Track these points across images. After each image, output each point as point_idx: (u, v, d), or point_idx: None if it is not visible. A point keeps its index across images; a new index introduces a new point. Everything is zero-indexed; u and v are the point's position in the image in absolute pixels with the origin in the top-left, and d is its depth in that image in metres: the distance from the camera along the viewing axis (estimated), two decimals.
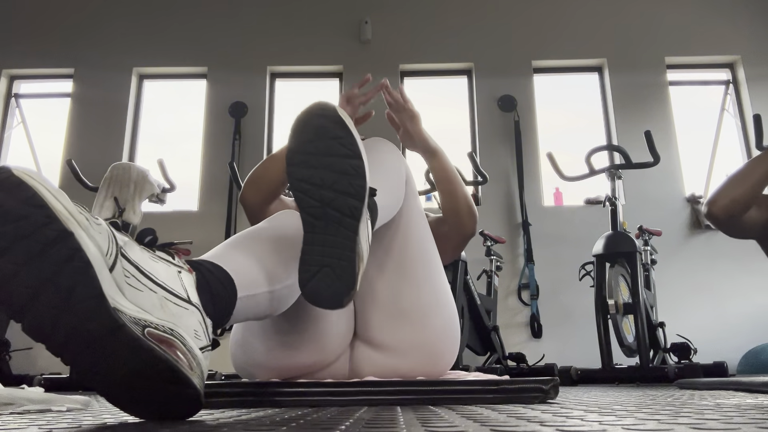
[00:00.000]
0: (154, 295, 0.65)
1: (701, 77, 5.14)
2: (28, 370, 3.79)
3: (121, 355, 0.61)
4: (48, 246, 0.57)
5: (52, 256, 0.57)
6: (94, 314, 0.59)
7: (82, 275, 0.58)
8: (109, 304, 0.59)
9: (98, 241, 0.61)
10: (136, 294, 0.64)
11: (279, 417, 0.78)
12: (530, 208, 4.53)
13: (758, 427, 0.52)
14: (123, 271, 0.63)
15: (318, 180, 0.84)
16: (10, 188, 0.57)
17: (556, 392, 1.06)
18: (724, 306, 4.29)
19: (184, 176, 4.35)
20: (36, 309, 0.57)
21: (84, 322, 0.59)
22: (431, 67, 5.04)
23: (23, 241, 0.56)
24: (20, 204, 0.56)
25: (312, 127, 0.85)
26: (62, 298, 0.58)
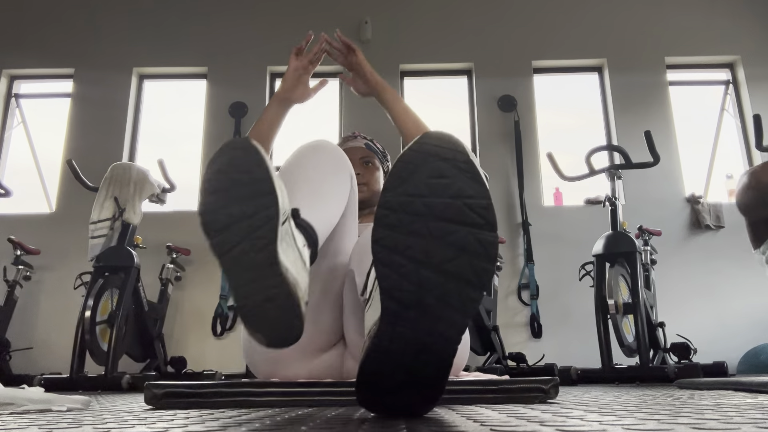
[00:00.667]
0: (294, 253, 0.79)
1: (701, 77, 5.13)
2: (28, 370, 3.79)
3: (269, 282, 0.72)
4: (258, 195, 0.73)
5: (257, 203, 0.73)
6: (264, 248, 0.72)
7: (269, 220, 0.73)
8: (276, 245, 0.73)
9: (284, 203, 0.77)
10: (286, 248, 0.77)
11: (279, 417, 0.78)
12: (530, 208, 4.53)
13: (758, 427, 0.52)
14: (286, 230, 0.78)
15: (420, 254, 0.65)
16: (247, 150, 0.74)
17: (556, 392, 1.06)
18: (724, 306, 4.29)
19: (184, 176, 4.35)
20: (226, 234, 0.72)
21: (256, 252, 0.71)
22: (431, 67, 5.04)
23: (243, 187, 0.72)
24: (251, 163, 0.73)
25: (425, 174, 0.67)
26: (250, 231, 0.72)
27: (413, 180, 0.65)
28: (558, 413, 0.74)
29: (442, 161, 0.65)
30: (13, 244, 3.90)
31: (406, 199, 0.65)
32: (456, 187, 0.65)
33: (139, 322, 3.50)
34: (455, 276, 0.63)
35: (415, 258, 0.64)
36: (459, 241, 0.64)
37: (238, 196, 0.72)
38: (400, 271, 0.64)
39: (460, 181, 0.65)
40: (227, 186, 0.72)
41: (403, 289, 0.64)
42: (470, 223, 0.64)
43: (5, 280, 3.88)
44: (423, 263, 0.64)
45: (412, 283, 0.64)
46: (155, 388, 1.05)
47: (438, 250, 0.64)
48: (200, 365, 3.92)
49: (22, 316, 4.14)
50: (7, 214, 4.55)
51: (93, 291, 3.17)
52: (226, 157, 0.74)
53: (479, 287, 0.65)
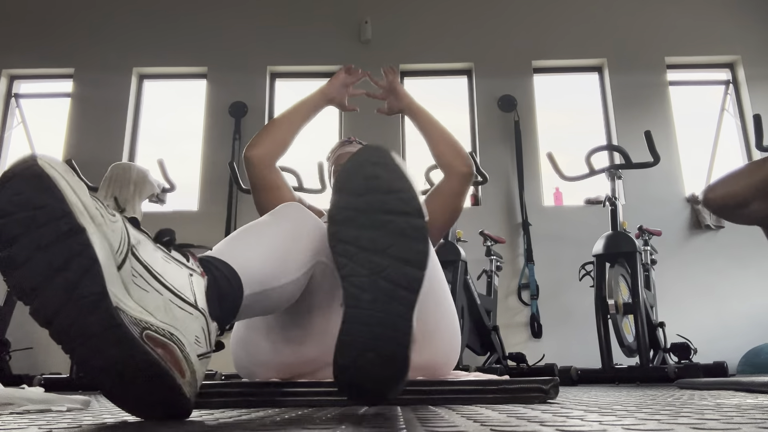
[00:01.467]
0: (160, 297, 0.65)
1: (701, 77, 5.14)
2: (28, 370, 3.79)
3: (116, 354, 0.61)
4: (60, 238, 0.58)
5: (63, 249, 0.58)
6: (94, 310, 0.60)
7: (88, 270, 0.59)
8: (110, 301, 0.60)
9: (110, 238, 0.62)
10: (143, 294, 0.64)
11: (279, 417, 0.78)
12: (530, 208, 4.53)
13: (758, 427, 0.52)
14: (131, 270, 0.64)
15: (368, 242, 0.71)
16: (31, 178, 0.58)
17: (556, 392, 1.06)
18: (724, 306, 4.29)
19: (184, 176, 4.35)
20: (43, 296, 0.59)
21: (85, 315, 0.60)
22: (431, 67, 5.04)
23: (38, 230, 0.58)
24: (39, 194, 0.58)
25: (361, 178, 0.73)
26: (68, 290, 0.59)
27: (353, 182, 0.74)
28: (558, 413, 0.74)
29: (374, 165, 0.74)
30: None
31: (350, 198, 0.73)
32: (387, 184, 0.73)
33: None
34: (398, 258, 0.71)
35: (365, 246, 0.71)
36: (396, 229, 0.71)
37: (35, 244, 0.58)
38: (354, 258, 0.71)
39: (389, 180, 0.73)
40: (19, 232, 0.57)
41: (358, 275, 0.71)
42: (402, 212, 0.72)
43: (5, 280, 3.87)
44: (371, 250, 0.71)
45: (365, 268, 0.71)
46: None
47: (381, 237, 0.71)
48: None
49: (22, 316, 4.13)
50: None
51: None
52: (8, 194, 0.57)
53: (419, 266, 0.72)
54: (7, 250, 0.58)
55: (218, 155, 4.65)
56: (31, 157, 0.59)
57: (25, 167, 0.58)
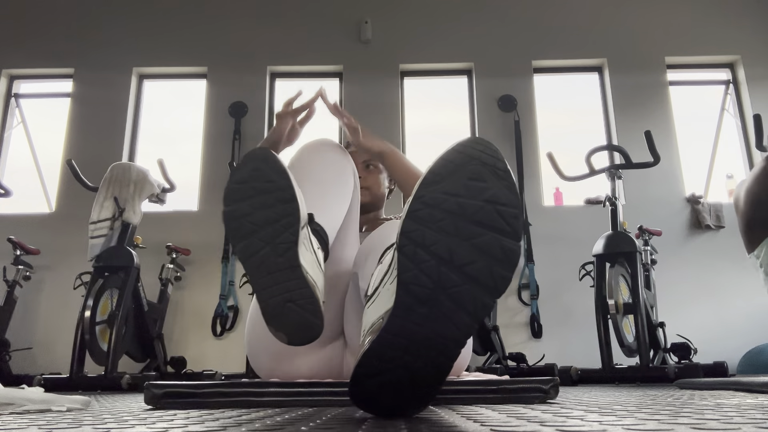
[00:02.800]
0: (311, 256, 0.87)
1: (701, 77, 5.13)
2: (28, 370, 3.79)
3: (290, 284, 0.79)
4: (281, 202, 0.81)
5: (282, 209, 0.81)
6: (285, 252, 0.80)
7: (291, 226, 0.81)
8: (298, 249, 0.81)
9: (304, 210, 0.86)
10: (305, 251, 0.84)
11: (279, 417, 0.78)
12: (530, 208, 4.53)
13: (758, 427, 0.52)
14: (305, 234, 0.86)
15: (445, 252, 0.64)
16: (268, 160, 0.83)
17: (556, 392, 1.06)
18: (724, 306, 4.29)
19: (184, 176, 4.35)
20: (251, 240, 0.79)
21: (278, 255, 0.79)
22: (431, 67, 5.04)
23: (266, 195, 0.81)
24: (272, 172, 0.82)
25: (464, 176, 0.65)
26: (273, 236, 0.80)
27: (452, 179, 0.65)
28: (558, 413, 0.74)
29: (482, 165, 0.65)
30: (13, 244, 3.90)
31: (442, 196, 0.65)
32: (491, 192, 0.65)
33: (139, 322, 3.50)
34: (473, 279, 0.63)
35: (439, 255, 0.63)
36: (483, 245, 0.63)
37: (261, 203, 0.79)
38: (421, 266, 0.64)
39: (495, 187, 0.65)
40: (251, 194, 0.80)
41: (421, 284, 0.63)
42: (497, 229, 0.64)
43: (5, 280, 3.87)
44: (445, 261, 0.63)
45: (430, 279, 0.63)
46: (155, 388, 1.05)
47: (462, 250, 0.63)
48: (200, 365, 3.92)
49: (22, 316, 4.14)
50: (7, 214, 4.55)
51: (93, 291, 3.17)
52: (249, 167, 0.81)
53: (494, 293, 0.65)
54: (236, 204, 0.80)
55: (218, 155, 4.65)
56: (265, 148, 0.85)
57: (263, 153, 0.84)
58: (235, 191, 0.80)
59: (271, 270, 0.78)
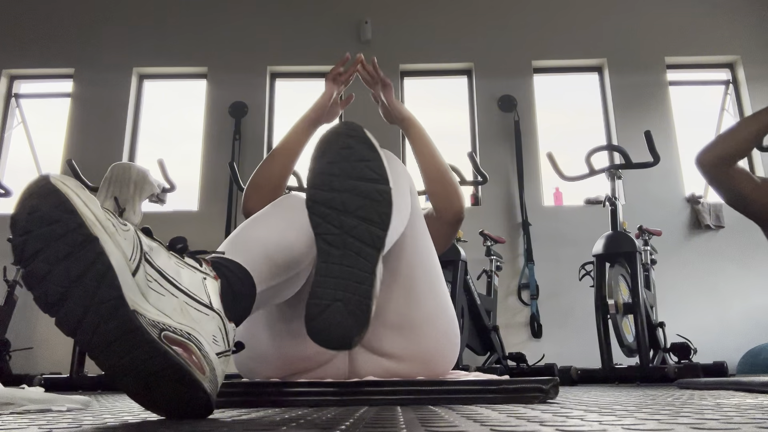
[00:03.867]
0: (176, 299, 0.69)
1: (701, 77, 5.14)
2: (28, 370, 3.79)
3: (138, 355, 0.65)
4: (76, 249, 0.62)
5: (79, 258, 0.62)
6: (113, 315, 0.63)
7: (104, 277, 0.63)
8: (128, 306, 0.64)
9: (123, 246, 0.66)
10: (159, 298, 0.67)
11: (279, 417, 0.78)
12: (530, 208, 4.53)
13: (758, 427, 0.52)
14: (146, 276, 0.67)
15: (339, 204, 0.80)
16: (45, 194, 0.62)
17: (556, 392, 1.06)
18: (724, 306, 4.29)
19: (184, 176, 4.35)
20: (66, 306, 0.63)
21: (105, 321, 0.63)
22: (431, 67, 5.04)
23: (55, 242, 0.62)
24: (53, 209, 0.62)
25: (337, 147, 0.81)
26: (87, 298, 0.62)
27: (329, 151, 0.82)
28: (558, 413, 0.74)
29: (348, 137, 0.82)
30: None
31: (326, 165, 0.81)
32: (358, 154, 0.81)
33: None
34: (365, 219, 0.80)
35: (337, 208, 0.80)
36: (364, 193, 0.80)
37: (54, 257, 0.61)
38: (327, 218, 0.80)
39: (360, 149, 0.81)
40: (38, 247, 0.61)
41: (331, 233, 0.79)
42: (370, 179, 0.81)
43: (5, 280, 3.88)
44: (342, 211, 0.79)
45: (336, 227, 0.79)
46: None
47: (351, 200, 0.80)
48: None
49: (22, 316, 4.14)
50: (7, 214, 4.54)
51: None
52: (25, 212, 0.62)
53: (383, 226, 0.80)
54: (30, 265, 0.62)
55: (218, 155, 4.65)
56: (43, 176, 0.64)
57: (39, 186, 0.63)
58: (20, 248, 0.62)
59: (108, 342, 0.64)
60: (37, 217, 0.62)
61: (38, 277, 0.62)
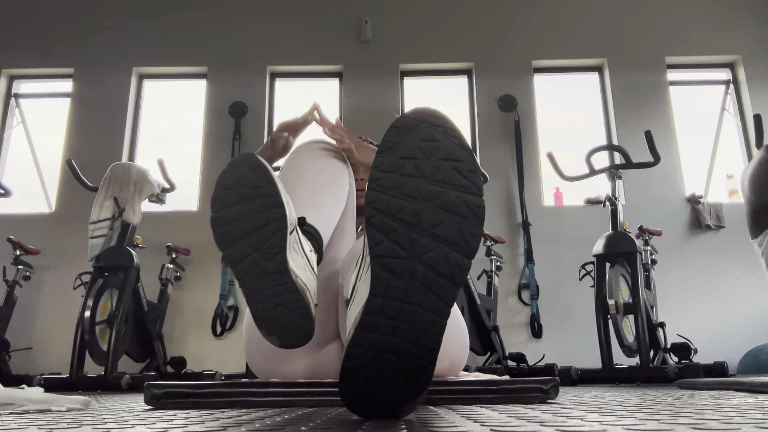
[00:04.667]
0: (302, 260, 0.87)
1: (701, 77, 5.13)
2: (27, 370, 3.79)
3: (280, 289, 0.80)
4: (268, 207, 0.80)
5: (269, 214, 0.80)
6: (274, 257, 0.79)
7: (279, 230, 0.80)
8: (285, 253, 0.81)
9: (292, 215, 0.85)
10: (295, 256, 0.84)
11: (279, 417, 0.78)
12: (530, 208, 4.53)
13: (758, 427, 0.52)
14: (294, 238, 0.86)
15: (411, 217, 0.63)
16: (253, 166, 0.81)
17: (556, 392, 1.06)
18: (725, 306, 4.29)
19: (184, 176, 4.35)
20: (238, 246, 0.79)
21: (267, 260, 0.79)
22: (431, 67, 5.04)
23: (252, 201, 0.80)
24: (258, 177, 0.81)
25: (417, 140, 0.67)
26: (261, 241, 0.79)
27: (406, 143, 0.65)
28: (558, 413, 0.74)
29: (432, 127, 0.66)
30: (13, 244, 3.90)
31: (399, 161, 0.65)
32: (445, 150, 0.65)
33: (139, 323, 3.50)
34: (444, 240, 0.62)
35: (406, 221, 0.63)
36: (448, 204, 0.63)
37: (248, 209, 0.79)
38: (391, 235, 0.63)
39: (448, 145, 0.65)
40: (237, 200, 0.79)
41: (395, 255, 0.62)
42: (458, 186, 0.64)
43: (5, 280, 3.88)
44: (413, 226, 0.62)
45: (403, 248, 0.62)
46: (155, 388, 1.05)
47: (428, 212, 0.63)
48: (200, 365, 3.92)
49: (22, 316, 4.14)
50: (6, 214, 4.55)
51: (92, 291, 3.17)
52: (234, 174, 0.80)
53: (468, 253, 0.63)
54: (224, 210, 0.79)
55: (218, 155, 4.65)
56: (250, 154, 0.83)
57: (248, 159, 0.82)
58: (221, 197, 0.80)
59: (260, 275, 0.79)
60: (244, 180, 0.80)
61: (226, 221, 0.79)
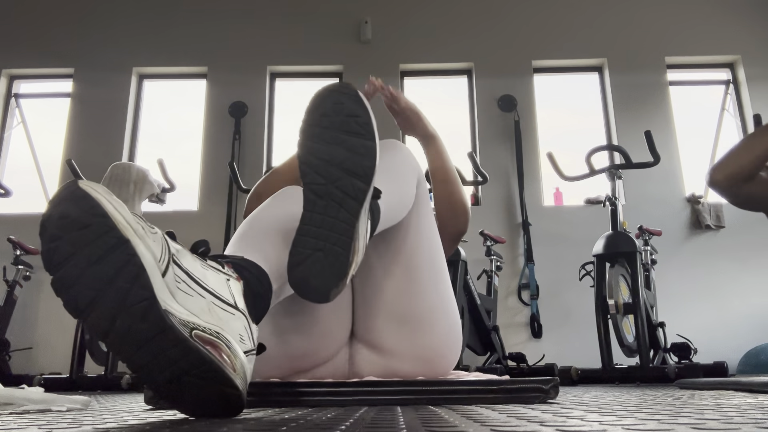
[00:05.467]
0: (203, 300, 0.69)
1: (701, 77, 5.14)
2: (28, 370, 3.79)
3: (170, 355, 0.65)
4: (108, 252, 0.62)
5: (111, 261, 0.62)
6: (146, 315, 0.63)
7: (136, 278, 0.63)
8: (160, 306, 0.64)
9: (152, 248, 0.66)
10: (186, 298, 0.67)
11: (279, 417, 0.78)
12: (530, 208, 4.53)
13: (758, 427, 0.52)
14: (174, 277, 0.67)
15: (327, 155, 0.82)
16: (76, 199, 0.63)
17: (556, 392, 1.06)
18: (724, 306, 4.29)
19: (184, 176, 4.35)
20: (98, 309, 0.63)
21: (137, 322, 0.63)
22: (431, 67, 5.04)
23: (86, 247, 0.62)
24: (84, 214, 0.62)
25: (330, 102, 0.85)
26: (119, 300, 0.63)
27: (322, 105, 0.85)
28: (558, 413, 0.74)
29: (341, 94, 0.85)
30: (13, 244, 3.90)
31: (318, 117, 0.84)
32: (348, 109, 0.84)
33: None
34: (350, 171, 0.82)
35: (324, 159, 0.82)
36: (351, 146, 0.82)
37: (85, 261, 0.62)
38: (315, 168, 0.82)
39: (351, 105, 0.84)
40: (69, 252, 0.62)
41: (317, 182, 0.81)
42: (357, 134, 0.83)
43: (5, 280, 3.88)
44: (329, 162, 0.82)
45: (323, 177, 0.81)
46: None
47: (339, 152, 0.82)
48: None
49: (22, 316, 4.14)
50: (7, 214, 4.55)
51: None
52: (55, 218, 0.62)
53: (365, 179, 0.82)
54: (60, 271, 0.62)
55: (218, 155, 4.65)
56: (73, 182, 0.64)
57: (69, 191, 0.63)
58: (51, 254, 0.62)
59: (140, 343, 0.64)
60: (68, 222, 0.62)
61: (69, 283, 0.62)
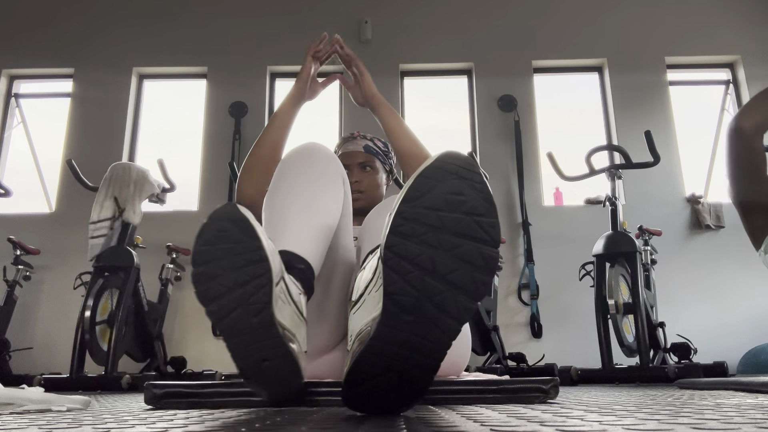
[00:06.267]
0: (290, 307, 0.82)
1: (701, 77, 5.13)
2: (28, 370, 3.79)
3: (266, 344, 0.75)
4: (251, 263, 0.74)
5: (252, 270, 0.74)
6: (258, 313, 0.74)
7: (263, 287, 0.75)
8: (272, 308, 0.75)
9: (278, 266, 0.79)
10: (282, 305, 0.79)
11: (279, 417, 0.78)
12: (530, 208, 4.53)
13: (758, 427, 0.52)
14: (281, 288, 0.79)
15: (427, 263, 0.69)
16: (235, 220, 0.76)
17: (556, 392, 1.06)
18: (724, 306, 4.29)
19: (184, 176, 4.35)
20: (222, 301, 0.74)
21: (251, 317, 0.74)
22: (431, 67, 5.04)
23: (235, 256, 0.74)
24: (240, 232, 0.75)
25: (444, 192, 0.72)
26: (244, 298, 0.74)
27: (432, 194, 0.70)
28: (558, 413, 0.74)
29: (460, 180, 0.70)
30: (13, 244, 3.90)
31: (423, 211, 0.70)
32: (469, 205, 0.70)
33: (138, 322, 3.50)
34: (456, 286, 0.68)
35: (422, 266, 0.68)
36: (464, 254, 0.68)
37: (230, 265, 0.74)
38: (406, 277, 0.68)
39: (473, 200, 0.70)
40: (219, 256, 0.74)
41: (406, 294, 0.68)
42: (477, 239, 0.69)
43: (5, 280, 3.88)
44: (428, 271, 0.68)
45: (415, 289, 0.68)
46: (155, 388, 1.05)
47: (444, 260, 0.68)
48: (200, 365, 3.92)
49: (22, 316, 4.14)
50: (7, 214, 4.55)
51: (93, 291, 3.17)
52: (215, 228, 0.74)
53: (475, 297, 0.69)
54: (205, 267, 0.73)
55: (218, 155, 4.65)
56: (233, 204, 0.77)
57: (230, 211, 0.76)
58: (202, 253, 0.73)
59: (245, 331, 0.74)
60: (225, 235, 0.74)
61: (208, 277, 0.73)
